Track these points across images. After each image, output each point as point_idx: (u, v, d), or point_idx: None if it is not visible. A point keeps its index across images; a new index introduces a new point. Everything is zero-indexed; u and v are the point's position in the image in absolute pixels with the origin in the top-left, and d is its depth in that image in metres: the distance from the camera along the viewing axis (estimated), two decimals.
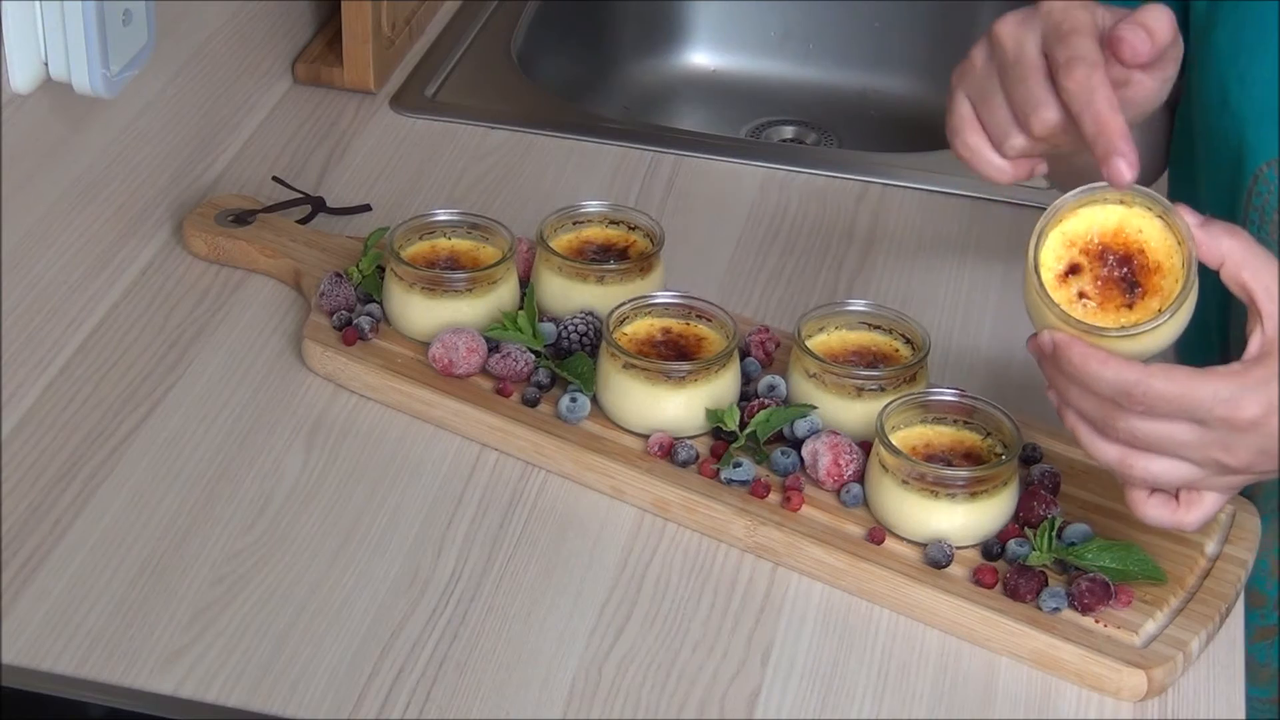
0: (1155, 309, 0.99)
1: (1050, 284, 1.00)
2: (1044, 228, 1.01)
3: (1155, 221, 1.00)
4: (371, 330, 1.25)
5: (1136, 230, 1.00)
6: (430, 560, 1.11)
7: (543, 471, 1.19)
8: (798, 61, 1.89)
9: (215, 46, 1.45)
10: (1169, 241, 1.00)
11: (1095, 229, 1.01)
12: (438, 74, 1.63)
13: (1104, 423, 0.99)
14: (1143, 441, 0.98)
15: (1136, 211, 1.00)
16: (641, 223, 1.30)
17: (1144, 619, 1.06)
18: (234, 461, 1.18)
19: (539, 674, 1.04)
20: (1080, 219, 1.01)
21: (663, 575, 1.11)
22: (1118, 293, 1.00)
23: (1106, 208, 1.01)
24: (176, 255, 1.37)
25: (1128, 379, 0.96)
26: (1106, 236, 1.00)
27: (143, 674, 1.03)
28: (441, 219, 1.29)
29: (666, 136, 1.59)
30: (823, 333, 1.21)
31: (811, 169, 1.53)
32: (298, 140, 1.52)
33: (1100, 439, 1.00)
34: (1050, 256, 1.01)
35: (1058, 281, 1.01)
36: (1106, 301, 1.00)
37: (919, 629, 1.09)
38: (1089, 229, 1.01)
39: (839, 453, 1.14)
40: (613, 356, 1.18)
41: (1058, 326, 0.99)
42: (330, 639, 1.05)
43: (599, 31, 1.88)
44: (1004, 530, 1.11)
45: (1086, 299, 1.00)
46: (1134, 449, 0.99)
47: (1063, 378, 1.00)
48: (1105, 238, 1.00)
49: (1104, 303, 1.00)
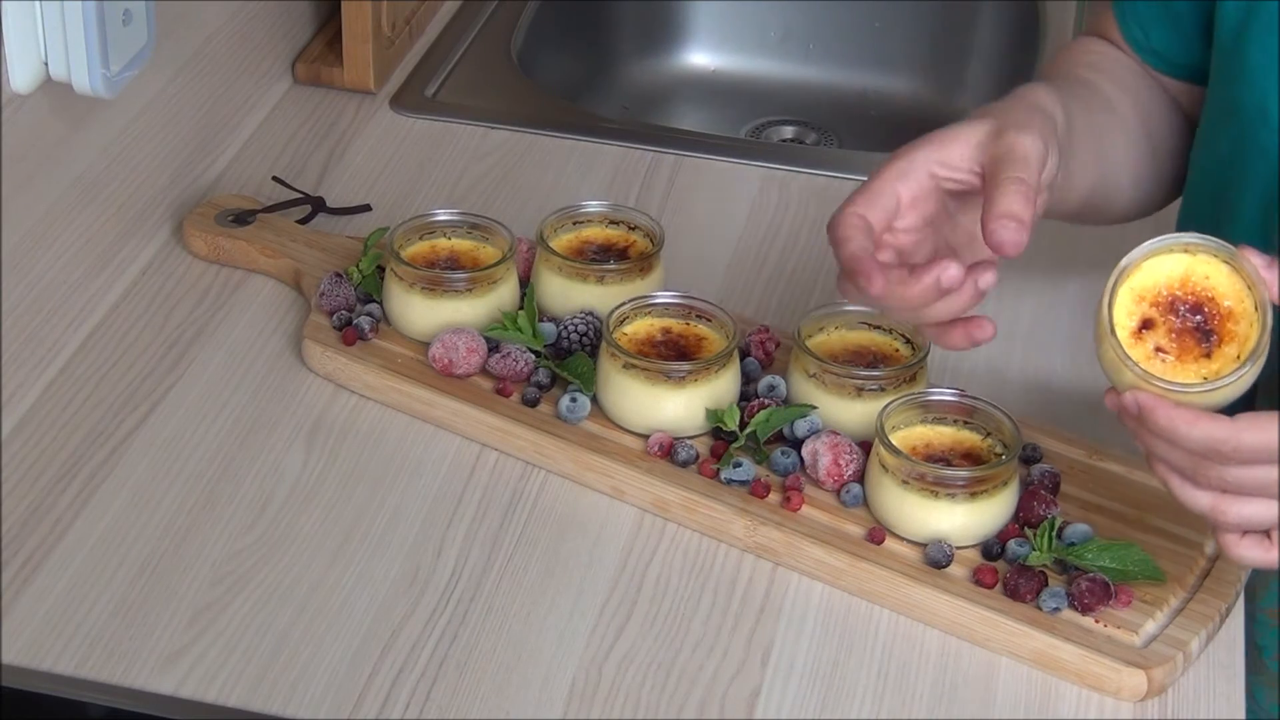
0: (1234, 356, 0.98)
1: (1126, 342, 1.00)
2: (1113, 285, 1.00)
3: (1222, 267, 1.00)
4: (371, 330, 1.25)
5: (1204, 277, 1.00)
6: (430, 560, 1.11)
7: (543, 471, 1.19)
8: (798, 61, 1.89)
9: (215, 46, 1.45)
10: (1238, 286, 0.99)
11: (1163, 281, 1.01)
12: (438, 74, 1.63)
13: (1194, 473, 0.99)
14: (1234, 487, 0.99)
15: (1201, 259, 1.00)
16: (641, 223, 1.30)
17: (1144, 619, 1.06)
18: (234, 461, 1.18)
19: (539, 674, 1.04)
20: (1146, 273, 1.01)
21: (663, 575, 1.11)
22: (1193, 342, 1.00)
23: (1171, 257, 1.00)
24: (176, 255, 1.37)
25: (1217, 436, 0.96)
26: (1175, 287, 1.00)
27: (143, 674, 1.03)
28: (441, 219, 1.29)
29: (666, 136, 1.59)
30: (823, 333, 1.21)
31: (811, 169, 1.53)
32: (298, 140, 1.52)
33: (1191, 488, 1.00)
34: (1122, 314, 1.01)
35: (1133, 339, 1.00)
36: (1184, 353, 1.00)
37: (919, 629, 1.09)
38: (1156, 282, 1.00)
39: (839, 453, 1.14)
40: (613, 356, 1.18)
41: (1139, 386, 0.99)
42: (330, 639, 1.05)
43: (599, 31, 1.88)
44: (1004, 530, 1.11)
45: (1163, 353, 1.00)
46: (1225, 494, 0.99)
47: (1148, 435, 1.00)
48: (1174, 288, 1.00)
49: (1181, 354, 1.00)
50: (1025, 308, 1.37)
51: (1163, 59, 1.23)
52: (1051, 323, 1.35)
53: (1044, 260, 1.42)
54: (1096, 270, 1.41)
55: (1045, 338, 1.33)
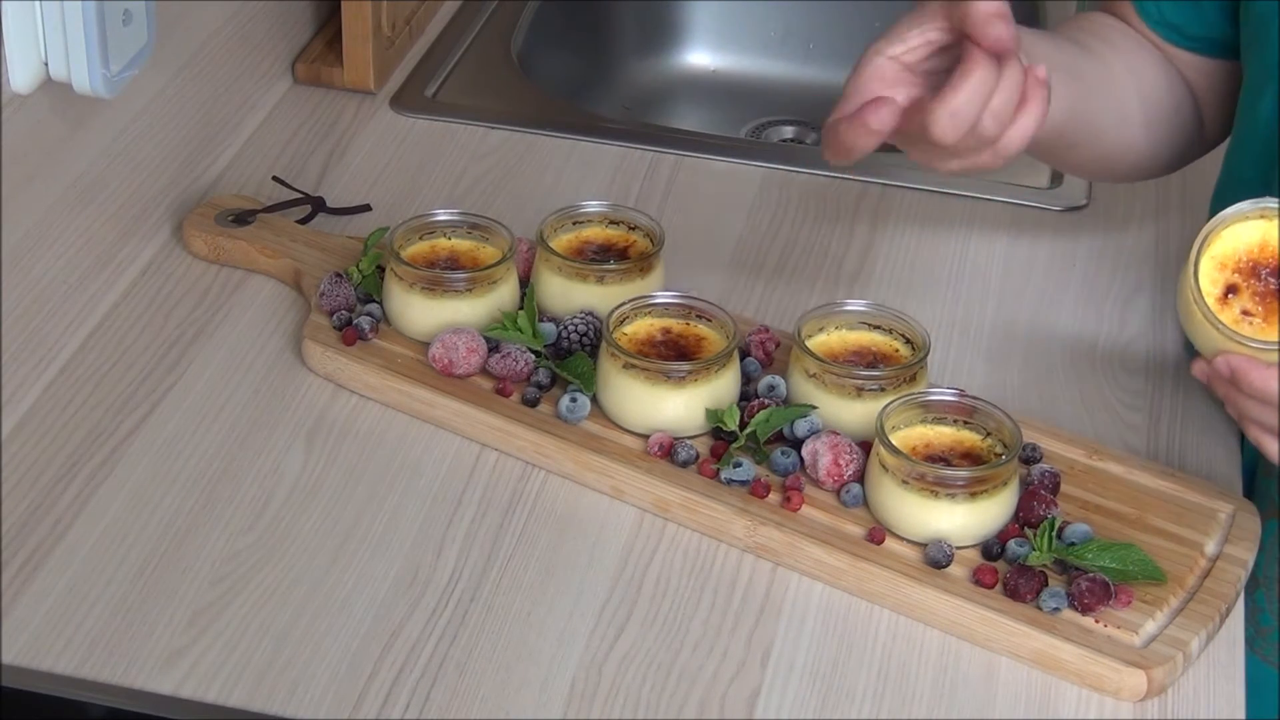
0: None
1: (1213, 308, 1.03)
2: (1195, 256, 1.04)
3: None
4: (371, 330, 1.25)
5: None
6: (430, 560, 1.11)
7: (543, 471, 1.19)
8: (798, 61, 1.89)
9: (215, 46, 1.45)
10: None
11: (1243, 247, 1.04)
12: (438, 74, 1.63)
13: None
14: None
15: (1278, 223, 1.04)
16: (641, 223, 1.30)
17: (1144, 619, 1.06)
18: (234, 461, 1.18)
19: (539, 674, 1.04)
20: (1225, 241, 1.04)
21: (663, 575, 1.11)
22: (1279, 304, 1.03)
23: (1248, 224, 1.04)
24: (176, 255, 1.37)
25: None
26: (1254, 252, 1.04)
27: (143, 674, 1.03)
28: (441, 219, 1.29)
29: (666, 136, 1.59)
30: (823, 333, 1.21)
31: (811, 169, 1.53)
32: (298, 140, 1.52)
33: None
34: (1206, 282, 1.04)
35: (1218, 304, 1.04)
36: (1270, 314, 1.03)
37: (919, 629, 1.09)
38: (1237, 249, 1.04)
39: (839, 453, 1.14)
40: (613, 356, 1.18)
41: (1230, 348, 1.02)
42: (330, 639, 1.05)
43: (599, 31, 1.88)
44: (1004, 530, 1.11)
45: (1250, 316, 1.03)
46: None
47: (1242, 397, 1.02)
48: (1253, 254, 1.04)
49: (1268, 315, 1.03)
50: (1025, 308, 1.37)
51: (1176, 30, 1.24)
52: (1051, 322, 1.35)
53: (1044, 260, 1.42)
54: (1096, 270, 1.41)
55: (1045, 338, 1.33)
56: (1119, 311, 1.37)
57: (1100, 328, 1.35)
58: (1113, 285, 1.39)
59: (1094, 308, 1.37)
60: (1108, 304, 1.37)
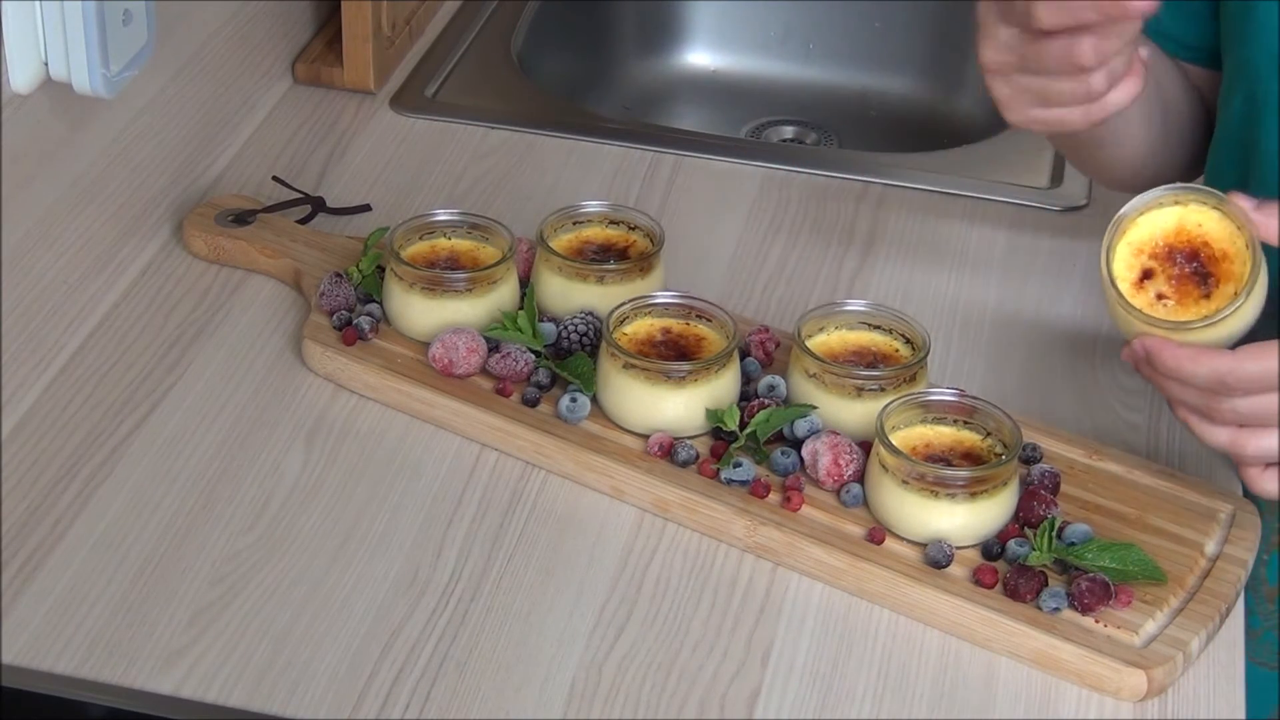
0: (1231, 293, 1.04)
1: (1129, 293, 1.06)
2: (1111, 242, 1.07)
3: (1212, 214, 1.06)
4: (371, 330, 1.25)
5: (1196, 225, 1.06)
6: (430, 560, 1.11)
7: (543, 471, 1.19)
8: (798, 61, 1.89)
9: (215, 46, 1.45)
10: (1229, 229, 1.05)
11: (1158, 233, 1.07)
12: (438, 74, 1.63)
13: (1209, 410, 1.04)
14: (1248, 419, 1.03)
15: (1192, 209, 1.06)
16: (641, 223, 1.30)
17: (1144, 619, 1.06)
18: (234, 461, 1.18)
19: (539, 674, 1.04)
20: (1141, 227, 1.07)
21: (663, 575, 1.11)
22: (1193, 286, 1.06)
23: (1163, 211, 1.07)
24: (176, 255, 1.37)
25: (1220, 368, 1.01)
26: (1170, 237, 1.06)
27: (143, 674, 1.03)
28: (441, 219, 1.29)
29: (666, 136, 1.59)
30: (823, 333, 1.21)
31: (811, 169, 1.53)
32: (298, 140, 1.52)
33: (1209, 425, 1.05)
34: (1122, 268, 1.07)
35: (1135, 289, 1.06)
36: (1184, 297, 1.06)
37: (919, 629, 1.09)
38: (1152, 234, 1.07)
39: (839, 453, 1.14)
40: (613, 356, 1.18)
41: (1145, 330, 1.05)
42: (330, 639, 1.05)
43: (599, 31, 1.88)
44: (1004, 530, 1.11)
45: (1165, 299, 1.06)
46: (1242, 429, 1.04)
47: (1161, 378, 1.05)
48: (1169, 238, 1.06)
49: (1182, 299, 1.06)
50: (1025, 308, 1.37)
51: (1176, 41, 1.24)
52: (1051, 322, 1.35)
53: (1044, 260, 1.42)
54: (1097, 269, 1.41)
55: (1045, 337, 1.33)
56: None
57: (1100, 328, 1.34)
58: None
59: (1094, 308, 1.37)
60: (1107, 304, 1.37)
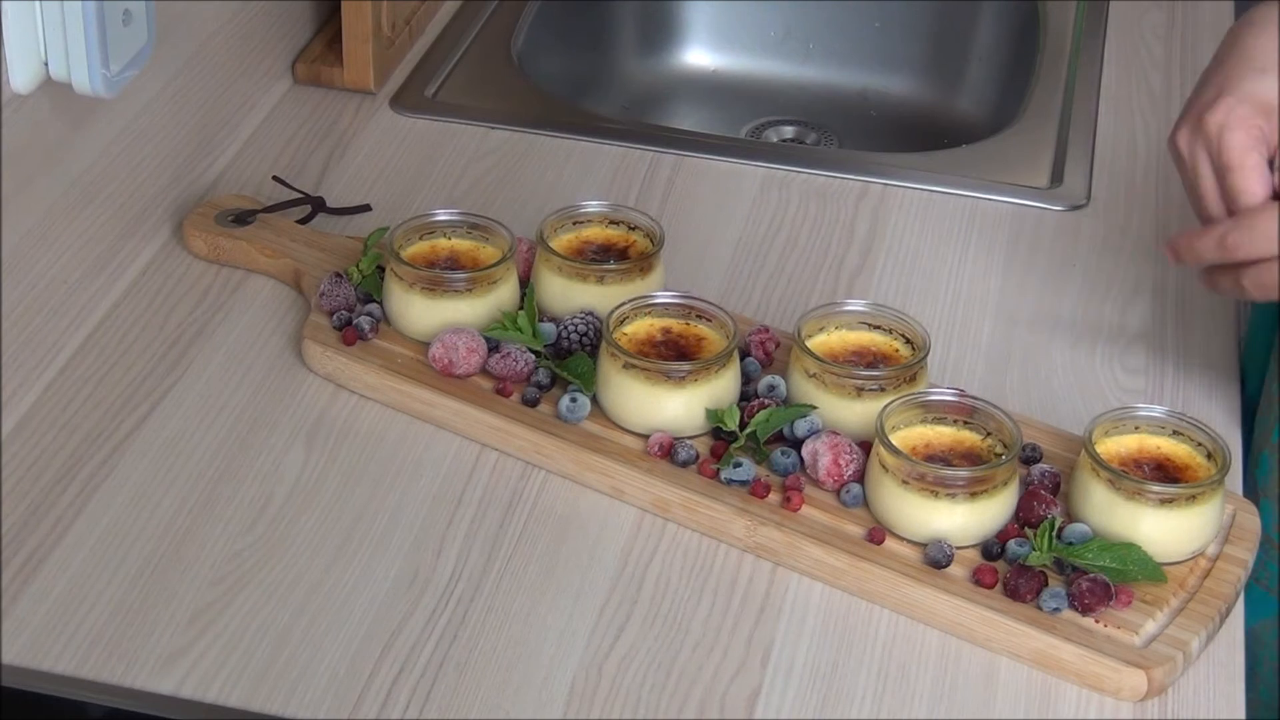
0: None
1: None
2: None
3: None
4: (371, 330, 1.25)
5: (1154, 447, 1.14)
6: (430, 560, 1.11)
7: (543, 471, 1.19)
8: (798, 61, 1.89)
9: (215, 46, 1.45)
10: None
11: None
12: (438, 74, 1.63)
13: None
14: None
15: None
16: (641, 223, 1.30)
17: (1144, 619, 1.06)
18: (234, 461, 1.18)
19: (539, 674, 1.04)
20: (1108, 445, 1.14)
21: (663, 575, 1.11)
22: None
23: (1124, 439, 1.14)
24: (176, 255, 1.37)
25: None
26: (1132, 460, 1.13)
27: (143, 674, 1.03)
28: (441, 219, 1.29)
29: (666, 136, 1.59)
30: (823, 333, 1.21)
31: (811, 169, 1.53)
32: (298, 140, 1.52)
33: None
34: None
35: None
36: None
37: (919, 629, 1.09)
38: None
39: (839, 453, 1.14)
40: (613, 356, 1.18)
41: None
42: (330, 639, 1.05)
43: (599, 31, 1.88)
44: (1004, 530, 1.11)
45: None
46: None
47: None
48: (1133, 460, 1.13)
49: None
50: (1025, 308, 1.37)
51: None
52: (1051, 322, 1.35)
53: (1044, 260, 1.42)
54: (1096, 270, 1.41)
55: (1045, 337, 1.33)
56: (1119, 311, 1.37)
57: (1100, 328, 1.35)
58: (1113, 285, 1.39)
59: (1094, 308, 1.37)
60: (1108, 304, 1.37)
